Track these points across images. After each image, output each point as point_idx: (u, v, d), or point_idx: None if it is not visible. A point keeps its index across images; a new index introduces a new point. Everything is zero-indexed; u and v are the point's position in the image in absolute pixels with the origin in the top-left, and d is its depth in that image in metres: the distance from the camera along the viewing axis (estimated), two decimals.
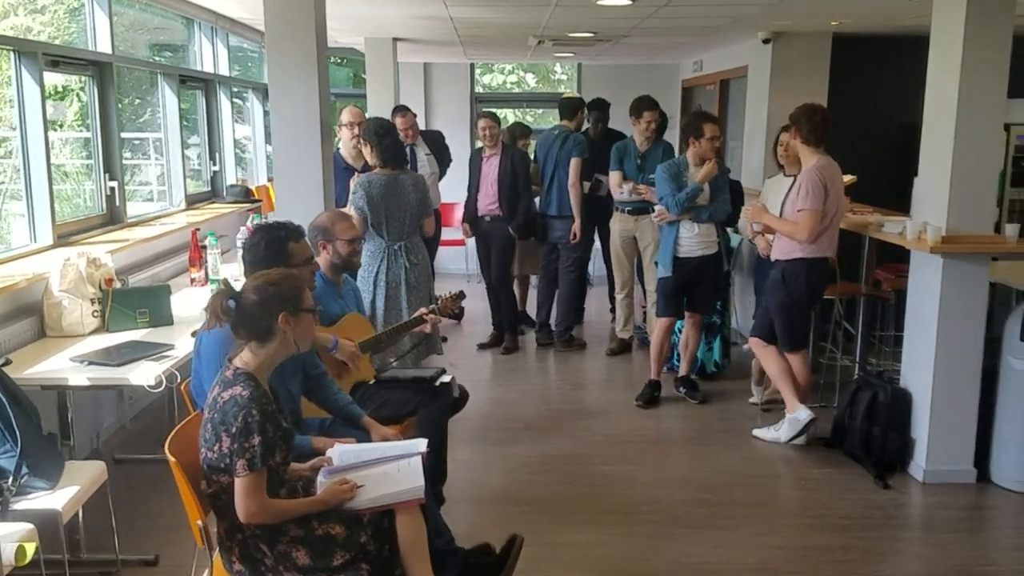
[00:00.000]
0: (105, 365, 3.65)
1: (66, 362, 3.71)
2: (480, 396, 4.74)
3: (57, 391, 3.71)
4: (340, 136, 6.28)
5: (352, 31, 7.56)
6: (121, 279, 4.59)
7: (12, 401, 3.17)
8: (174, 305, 4.49)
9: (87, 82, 5.39)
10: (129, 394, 5.06)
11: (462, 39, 7.89)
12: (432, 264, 7.12)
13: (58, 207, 4.83)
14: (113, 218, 5.52)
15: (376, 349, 4.05)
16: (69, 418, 3.80)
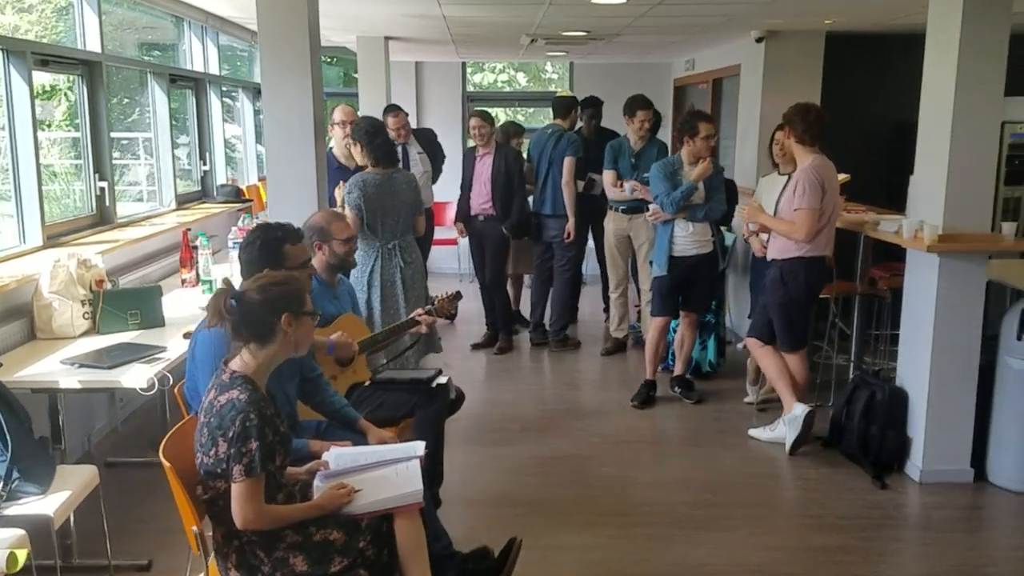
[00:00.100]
0: (96, 367, 3.60)
1: (57, 365, 3.66)
2: (475, 397, 4.72)
3: (48, 394, 3.67)
4: (332, 135, 6.23)
5: (344, 30, 7.51)
6: (112, 280, 4.53)
7: (2, 405, 3.13)
8: (165, 306, 4.45)
9: (76, 81, 5.33)
10: (120, 396, 5.02)
11: (454, 38, 7.85)
12: (425, 264, 7.13)
13: (47, 208, 4.77)
14: (103, 218, 5.47)
15: (372, 350, 4.00)
16: (60, 421, 3.76)
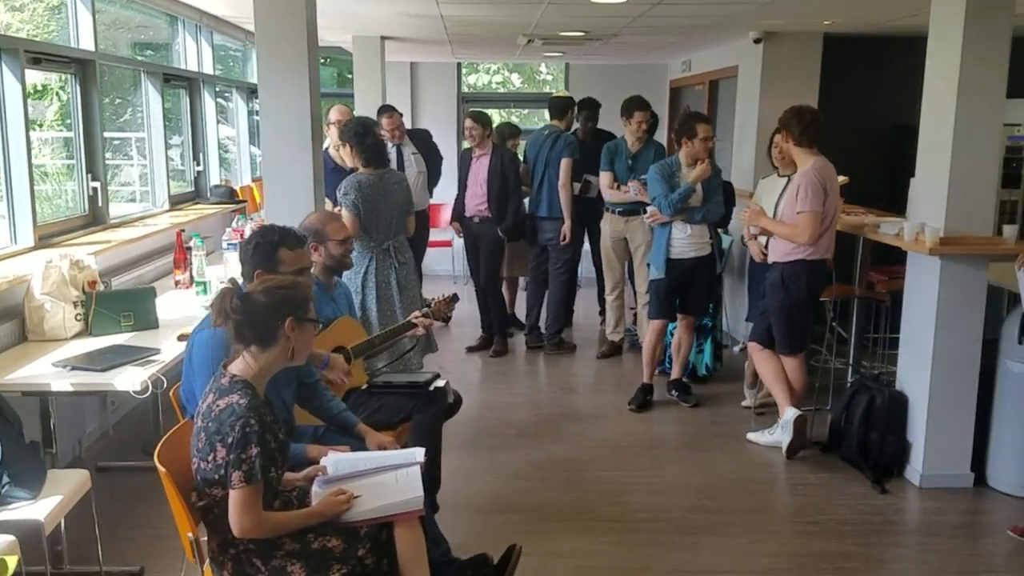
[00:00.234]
0: (89, 370, 3.54)
1: (48, 367, 3.59)
2: (470, 400, 4.66)
3: (39, 397, 3.61)
4: (328, 135, 6.18)
5: (340, 29, 7.45)
6: (104, 281, 4.47)
7: None
8: (159, 308, 4.38)
9: (69, 80, 5.27)
10: (112, 400, 4.95)
11: (451, 38, 7.80)
12: (420, 266, 7.09)
13: (39, 208, 4.71)
14: (96, 219, 5.40)
15: (369, 353, 3.95)
16: (52, 425, 3.70)
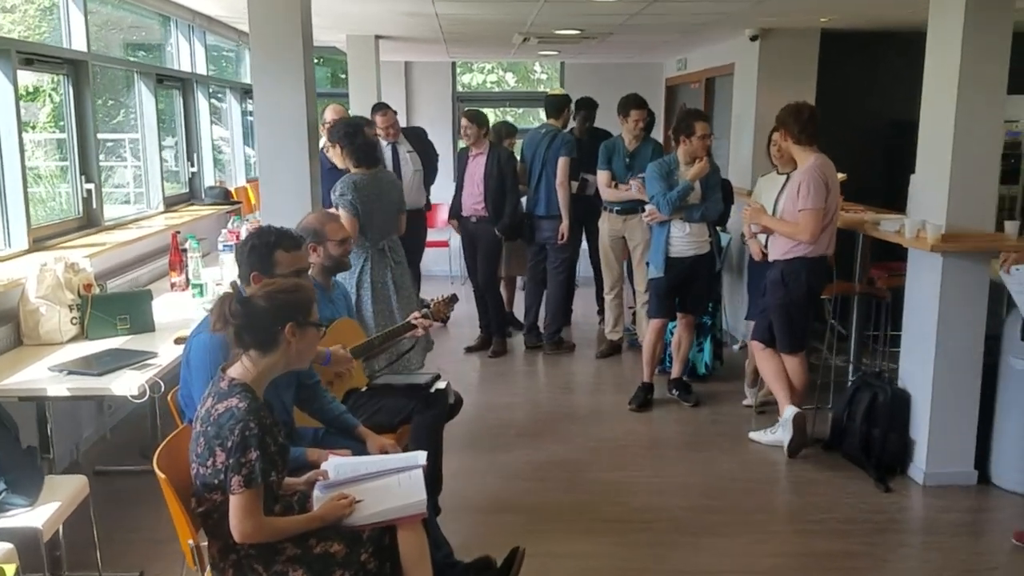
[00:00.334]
0: (86, 374, 3.49)
1: (44, 372, 3.55)
2: (469, 401, 4.62)
3: (36, 402, 3.56)
4: (324, 135, 6.14)
5: (334, 28, 7.41)
6: (100, 284, 4.43)
7: None
8: (156, 311, 4.34)
9: (62, 81, 5.22)
10: (109, 404, 4.91)
11: (446, 36, 7.76)
12: (419, 266, 7.07)
13: (32, 210, 4.66)
14: (90, 221, 5.35)
15: (368, 355, 3.91)
16: (48, 430, 3.66)
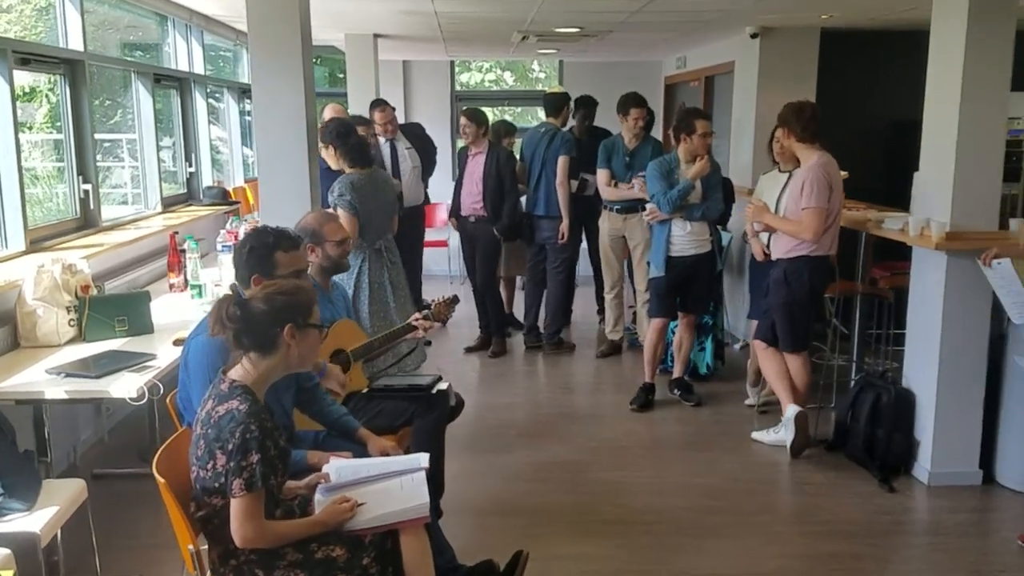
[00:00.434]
0: (83, 377, 3.46)
1: (42, 374, 3.51)
2: (469, 401, 4.58)
3: (33, 406, 3.53)
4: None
5: (332, 27, 7.37)
6: (98, 286, 4.39)
7: None
8: (154, 312, 4.31)
9: (58, 81, 5.18)
10: (107, 406, 4.87)
11: (445, 35, 7.72)
12: (420, 265, 7.04)
13: (29, 211, 4.63)
14: (87, 222, 5.31)
15: (368, 356, 3.88)
16: (46, 434, 3.62)
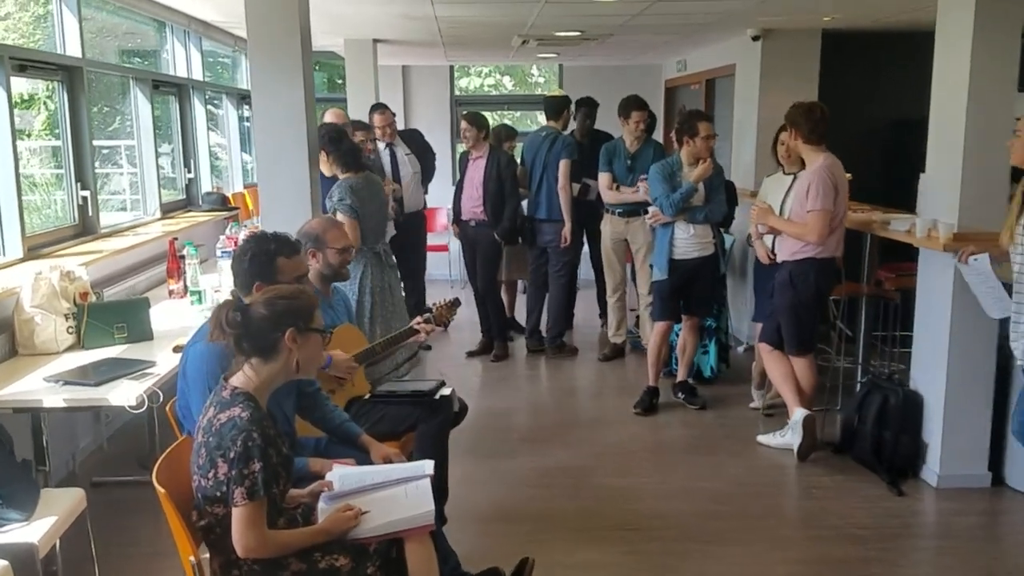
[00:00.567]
0: (82, 385, 3.41)
1: (40, 382, 3.46)
2: (472, 406, 4.54)
3: (31, 414, 3.48)
4: None
5: (331, 32, 7.34)
6: (96, 292, 4.35)
7: None
8: (153, 319, 4.27)
9: (56, 88, 5.14)
10: (106, 414, 4.82)
11: (445, 39, 7.69)
12: (424, 270, 7.02)
13: (27, 218, 4.59)
14: (86, 229, 5.27)
15: (370, 361, 3.83)
16: (44, 442, 3.58)
